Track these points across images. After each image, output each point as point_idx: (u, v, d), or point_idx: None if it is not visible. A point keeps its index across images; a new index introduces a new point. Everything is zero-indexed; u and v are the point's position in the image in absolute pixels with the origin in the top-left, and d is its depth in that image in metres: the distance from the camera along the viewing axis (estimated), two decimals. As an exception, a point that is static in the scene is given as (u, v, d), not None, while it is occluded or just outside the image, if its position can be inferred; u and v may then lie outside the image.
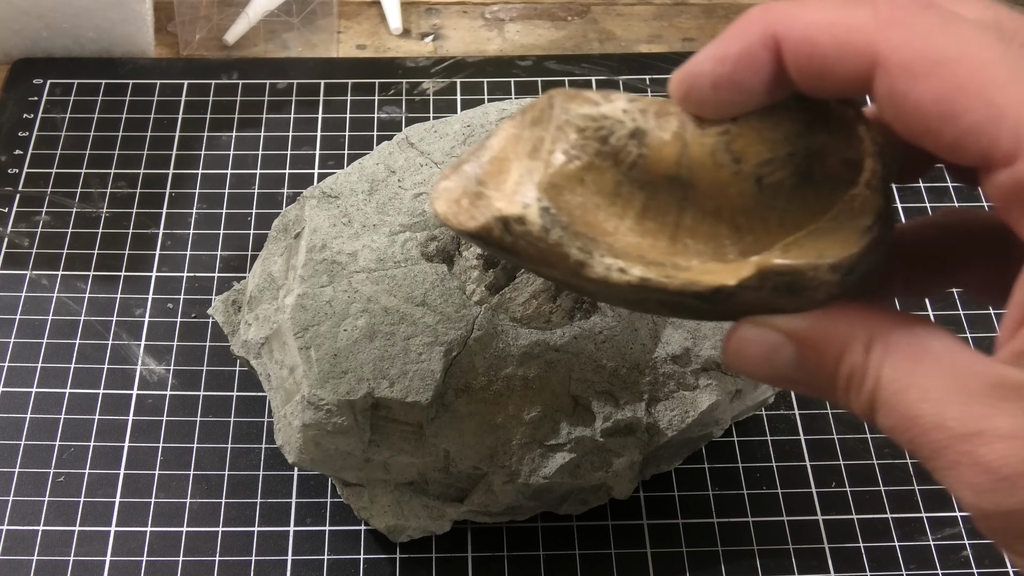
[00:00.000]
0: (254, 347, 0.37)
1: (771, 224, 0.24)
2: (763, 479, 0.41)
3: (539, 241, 0.24)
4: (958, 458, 0.21)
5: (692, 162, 0.24)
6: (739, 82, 0.24)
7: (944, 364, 0.22)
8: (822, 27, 0.22)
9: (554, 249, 0.24)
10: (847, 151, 0.24)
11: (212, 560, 0.38)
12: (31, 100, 0.52)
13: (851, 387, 0.23)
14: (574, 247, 0.24)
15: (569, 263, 0.24)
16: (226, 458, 0.41)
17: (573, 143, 0.24)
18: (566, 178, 0.24)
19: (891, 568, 0.39)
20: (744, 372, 0.25)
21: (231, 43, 0.56)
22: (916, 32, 0.21)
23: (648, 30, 0.58)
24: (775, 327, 0.24)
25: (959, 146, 0.21)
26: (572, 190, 0.24)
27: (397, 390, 0.34)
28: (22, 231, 0.47)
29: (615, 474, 0.36)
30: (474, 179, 0.25)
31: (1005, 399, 0.21)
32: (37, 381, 0.43)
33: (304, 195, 0.38)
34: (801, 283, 0.23)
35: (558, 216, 0.24)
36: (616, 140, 0.24)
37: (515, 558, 0.39)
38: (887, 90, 0.21)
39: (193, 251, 0.47)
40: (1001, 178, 0.21)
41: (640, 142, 0.24)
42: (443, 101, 0.53)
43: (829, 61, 0.22)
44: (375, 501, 0.37)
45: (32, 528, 0.39)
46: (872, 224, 0.23)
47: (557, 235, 0.24)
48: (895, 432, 0.22)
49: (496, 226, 0.24)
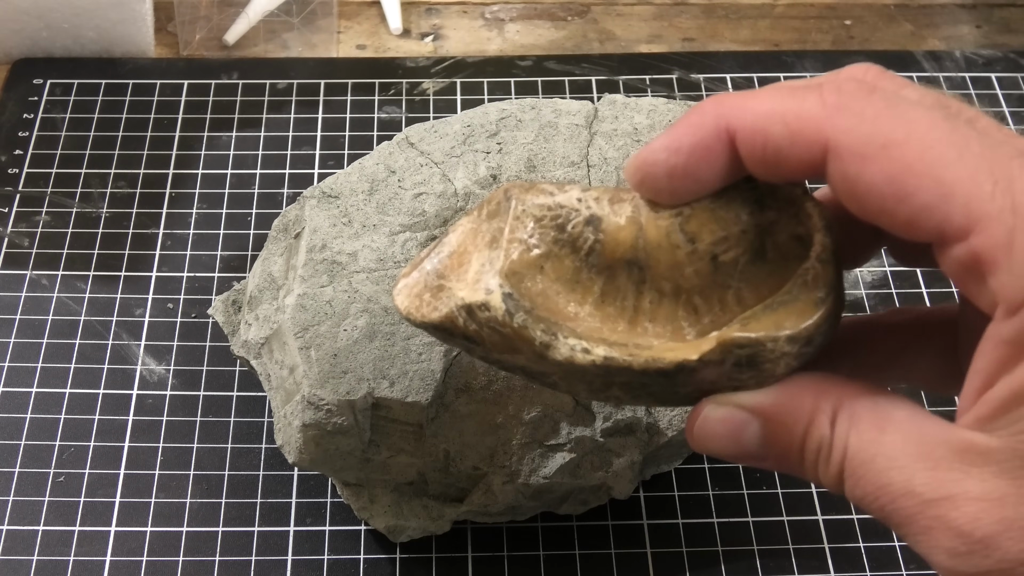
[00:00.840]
0: (254, 347, 0.37)
1: (727, 304, 0.25)
2: (763, 479, 0.41)
3: (503, 327, 0.24)
4: (930, 523, 0.21)
5: (648, 244, 0.25)
6: (693, 172, 0.24)
7: (909, 432, 0.22)
8: (773, 117, 0.23)
9: (519, 333, 0.24)
10: (796, 227, 0.25)
11: (212, 560, 0.38)
12: (31, 100, 0.52)
13: (819, 460, 0.23)
14: (538, 330, 0.24)
15: (534, 346, 0.24)
16: (226, 458, 0.41)
17: (531, 231, 0.25)
18: (526, 266, 0.25)
19: (891, 568, 0.39)
20: (711, 452, 0.25)
21: (231, 43, 0.56)
22: (863, 117, 0.22)
23: (648, 30, 0.58)
24: (739, 404, 0.24)
25: (913, 224, 0.21)
26: (532, 278, 0.25)
27: (397, 390, 0.34)
28: (22, 231, 0.47)
29: (615, 474, 0.36)
30: (434, 274, 0.26)
31: (973, 464, 0.21)
32: (37, 381, 0.43)
33: (304, 195, 0.38)
34: (761, 355, 0.23)
35: (521, 301, 0.24)
36: (573, 227, 0.25)
37: (515, 558, 0.39)
38: (840, 174, 0.22)
39: (193, 251, 0.47)
40: (956, 253, 0.21)
41: (596, 228, 0.25)
42: (443, 101, 0.53)
43: (782, 150, 0.23)
44: (375, 501, 0.37)
45: (32, 528, 0.39)
46: (826, 295, 0.24)
47: (521, 319, 0.24)
48: (866, 502, 0.23)
49: (460, 315, 0.25)
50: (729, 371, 0.24)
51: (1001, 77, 0.55)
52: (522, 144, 0.38)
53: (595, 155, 0.38)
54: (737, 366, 0.24)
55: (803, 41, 0.57)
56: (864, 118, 0.22)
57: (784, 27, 0.58)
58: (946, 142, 0.21)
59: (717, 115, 0.24)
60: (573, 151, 0.38)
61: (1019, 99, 0.54)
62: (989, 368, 0.21)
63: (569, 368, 0.24)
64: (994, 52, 0.57)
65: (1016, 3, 0.60)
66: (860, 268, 0.47)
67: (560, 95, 0.53)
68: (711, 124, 0.24)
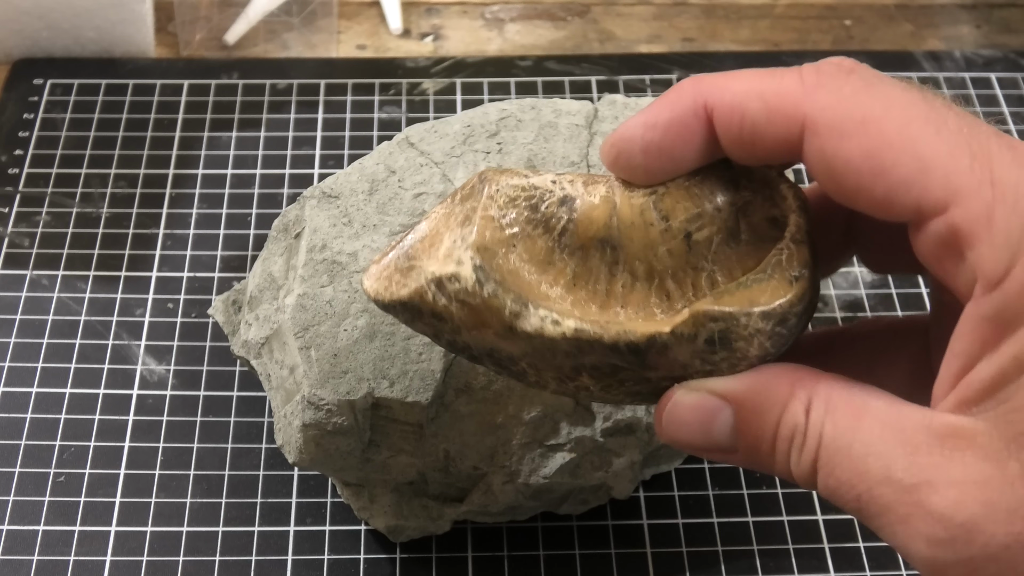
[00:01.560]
0: (254, 347, 0.37)
1: (700, 289, 0.25)
2: (763, 479, 0.41)
3: (473, 297, 0.24)
4: (909, 510, 0.21)
5: (622, 222, 0.25)
6: (669, 149, 0.24)
7: (886, 418, 0.22)
8: (751, 94, 0.23)
9: (488, 304, 0.24)
10: (771, 209, 0.25)
11: (212, 560, 0.38)
12: (31, 100, 0.52)
13: (792, 448, 0.23)
14: (508, 299, 0.24)
15: (504, 317, 0.24)
16: (226, 458, 0.41)
17: (504, 210, 0.25)
18: (498, 243, 0.25)
19: (891, 568, 0.39)
20: (679, 441, 0.24)
21: (231, 43, 0.56)
22: (842, 94, 0.22)
23: (648, 30, 0.58)
24: (711, 390, 0.24)
25: (890, 200, 0.21)
26: (504, 256, 0.25)
27: (397, 390, 0.34)
28: (22, 231, 0.47)
29: (615, 474, 0.36)
30: (405, 256, 0.26)
31: (955, 448, 0.21)
32: (37, 381, 0.43)
33: (304, 195, 0.38)
34: (734, 331, 0.23)
35: (492, 272, 0.24)
36: (546, 207, 0.25)
37: (515, 558, 0.39)
38: (817, 151, 0.22)
39: (193, 251, 0.47)
40: (934, 228, 0.21)
41: (570, 208, 0.25)
42: (443, 101, 0.53)
43: (759, 127, 0.23)
44: (375, 501, 0.37)
45: (32, 528, 0.39)
46: (800, 274, 0.24)
47: (491, 288, 0.24)
48: (840, 492, 0.22)
49: (429, 289, 0.24)
50: (701, 350, 0.23)
51: (1001, 77, 0.55)
52: (522, 144, 0.38)
53: (595, 155, 0.38)
54: (709, 343, 0.23)
55: (803, 41, 0.57)
56: (842, 95, 0.22)
57: (784, 27, 0.58)
58: (924, 119, 0.21)
59: (695, 92, 0.24)
60: (573, 151, 0.38)
61: (1019, 99, 0.54)
62: (969, 350, 0.21)
63: (538, 346, 0.24)
64: (994, 52, 0.57)
65: (1016, 3, 0.60)
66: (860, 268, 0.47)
67: (560, 95, 0.53)
68: (688, 101, 0.24)
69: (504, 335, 0.24)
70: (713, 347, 0.23)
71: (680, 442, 0.24)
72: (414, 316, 0.25)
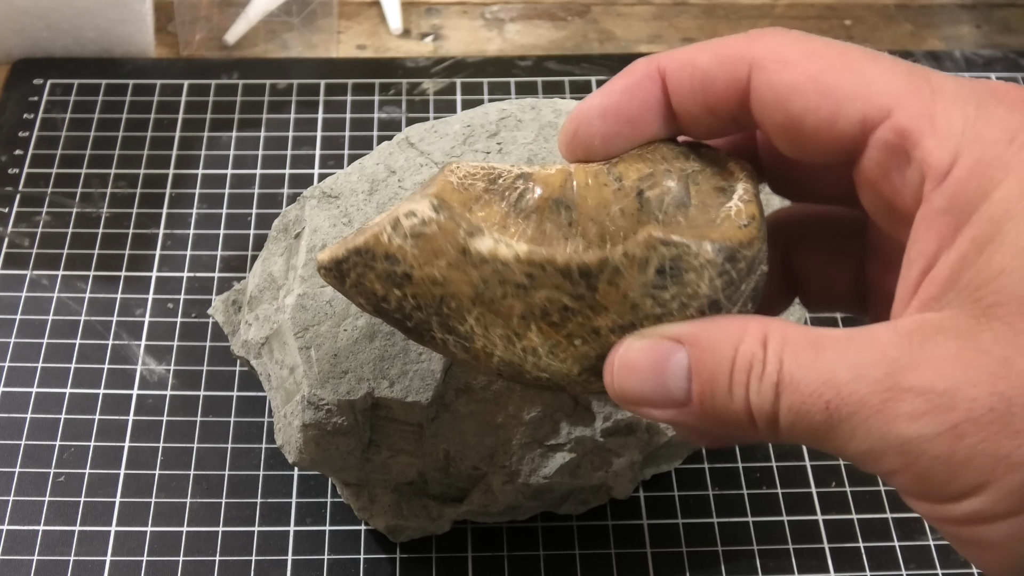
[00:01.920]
0: (254, 347, 0.37)
1: None
2: (763, 479, 0.41)
3: (428, 225, 0.24)
4: (886, 395, 0.20)
5: (577, 185, 0.26)
6: (625, 111, 0.25)
7: (851, 341, 0.21)
8: (702, 50, 0.25)
9: (444, 227, 0.24)
10: (720, 180, 0.26)
11: (212, 560, 0.38)
12: (31, 100, 0.52)
13: (751, 377, 0.22)
14: (463, 223, 0.24)
15: (458, 239, 0.24)
16: (226, 458, 0.41)
17: (463, 177, 0.26)
18: (456, 199, 0.25)
19: (891, 568, 0.39)
20: (629, 392, 0.24)
21: (231, 43, 0.56)
22: (787, 38, 0.24)
23: (648, 30, 0.58)
24: (663, 334, 0.23)
25: (836, 117, 0.22)
26: (462, 207, 0.25)
27: (397, 390, 0.34)
28: (22, 231, 0.47)
29: (615, 474, 0.36)
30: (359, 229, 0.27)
31: (923, 339, 0.20)
32: (37, 381, 0.43)
33: (304, 195, 0.38)
34: (685, 261, 0.23)
35: (449, 206, 0.25)
36: (503, 180, 0.26)
37: (515, 558, 0.39)
38: (764, 83, 0.23)
39: (193, 251, 0.47)
40: (879, 136, 0.22)
41: (526, 179, 0.26)
42: (443, 101, 0.53)
43: (710, 72, 0.24)
44: (375, 501, 0.37)
45: (32, 528, 0.39)
46: (748, 223, 0.24)
47: (447, 215, 0.24)
48: (805, 408, 0.21)
49: (384, 231, 0.25)
50: (652, 282, 0.23)
51: (1001, 77, 0.55)
52: (522, 144, 0.38)
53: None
54: (660, 274, 0.23)
55: (803, 41, 0.57)
56: (787, 39, 0.24)
57: (784, 27, 0.58)
58: (862, 51, 0.23)
59: (648, 61, 0.25)
60: (573, 151, 0.38)
61: (1019, 99, 0.54)
62: (926, 250, 0.21)
63: (490, 279, 0.24)
64: (994, 52, 0.57)
65: (1016, 3, 0.60)
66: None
67: (560, 95, 0.53)
68: (642, 68, 0.25)
69: (456, 264, 0.24)
70: (664, 279, 0.23)
71: (630, 393, 0.24)
72: (365, 267, 0.25)
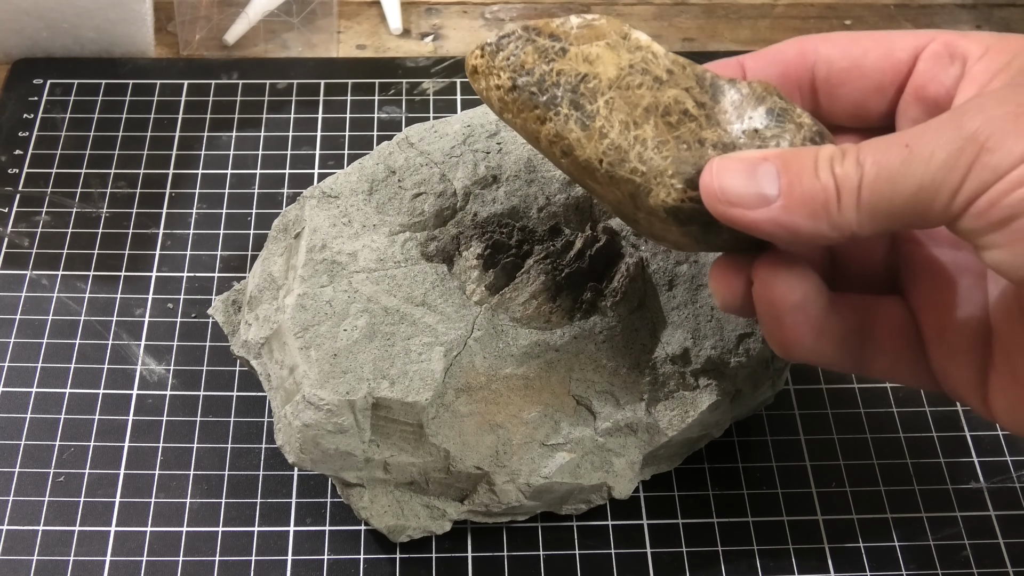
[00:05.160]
0: (254, 347, 0.37)
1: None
2: (763, 479, 0.41)
3: (596, 20, 0.29)
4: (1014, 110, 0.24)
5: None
6: None
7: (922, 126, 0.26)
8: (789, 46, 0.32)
9: (611, 22, 0.29)
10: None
11: (212, 560, 0.38)
12: (31, 100, 0.52)
13: (834, 162, 0.25)
14: (626, 24, 0.29)
15: (622, 28, 0.29)
16: (226, 458, 0.41)
17: None
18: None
19: (891, 568, 0.39)
20: (727, 186, 0.27)
21: (231, 43, 0.56)
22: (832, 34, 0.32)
23: (648, 30, 0.58)
24: (756, 155, 0.27)
25: (892, 51, 0.30)
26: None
27: (397, 390, 0.34)
28: (22, 231, 0.47)
29: (615, 474, 0.36)
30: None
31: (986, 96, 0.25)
32: (37, 381, 0.43)
33: (304, 195, 0.38)
34: (790, 115, 0.29)
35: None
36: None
37: (515, 558, 0.39)
38: (828, 47, 0.31)
39: (193, 251, 0.47)
40: (929, 50, 0.29)
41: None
42: (443, 101, 0.53)
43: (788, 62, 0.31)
44: (375, 501, 0.37)
45: (32, 528, 0.39)
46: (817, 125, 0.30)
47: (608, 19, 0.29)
48: (893, 167, 0.24)
49: (554, 21, 0.30)
50: (762, 118, 0.29)
51: (1001, 77, 0.55)
52: (522, 144, 0.38)
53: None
54: (769, 114, 0.29)
55: (803, 41, 0.57)
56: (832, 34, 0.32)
57: (784, 27, 0.58)
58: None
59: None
60: (573, 151, 0.38)
61: (1019, 99, 0.54)
62: (980, 79, 0.28)
63: (632, 73, 0.28)
64: (994, 52, 0.57)
65: (1016, 3, 0.60)
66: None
67: (560, 95, 0.53)
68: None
69: (614, 45, 0.29)
70: (770, 119, 0.28)
71: (728, 188, 0.27)
72: (527, 41, 0.30)
